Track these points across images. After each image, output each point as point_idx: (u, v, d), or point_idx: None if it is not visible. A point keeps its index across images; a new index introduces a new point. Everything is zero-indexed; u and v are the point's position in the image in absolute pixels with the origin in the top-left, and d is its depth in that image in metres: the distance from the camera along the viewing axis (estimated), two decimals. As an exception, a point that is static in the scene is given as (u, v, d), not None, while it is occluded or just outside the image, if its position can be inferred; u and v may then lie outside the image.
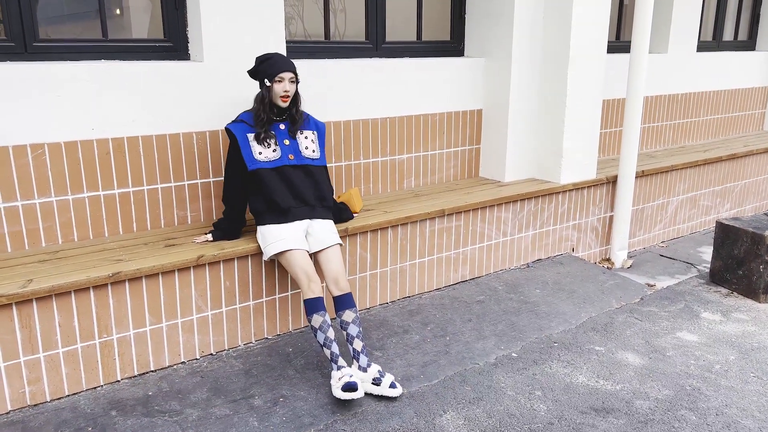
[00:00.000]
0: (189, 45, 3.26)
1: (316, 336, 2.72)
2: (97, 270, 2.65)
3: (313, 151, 3.01)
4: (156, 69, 3.06)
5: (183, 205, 3.27)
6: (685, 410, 2.66)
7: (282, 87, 2.86)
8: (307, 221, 2.96)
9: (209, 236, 3.01)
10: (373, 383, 2.68)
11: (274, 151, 2.90)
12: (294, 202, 2.92)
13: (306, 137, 3.01)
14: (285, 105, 2.91)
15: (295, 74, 2.91)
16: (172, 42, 3.22)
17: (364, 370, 2.71)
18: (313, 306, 2.72)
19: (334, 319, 3.25)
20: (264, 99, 2.91)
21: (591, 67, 4.16)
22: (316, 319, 2.70)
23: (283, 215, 2.91)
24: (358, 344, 2.75)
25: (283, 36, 3.36)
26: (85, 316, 2.64)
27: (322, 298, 2.76)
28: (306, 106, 3.13)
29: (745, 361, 3.08)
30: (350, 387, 2.54)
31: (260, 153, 2.88)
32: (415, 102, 4.02)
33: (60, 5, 3.15)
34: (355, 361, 2.74)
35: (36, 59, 2.88)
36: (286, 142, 2.93)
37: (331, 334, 2.71)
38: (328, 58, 3.67)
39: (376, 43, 3.95)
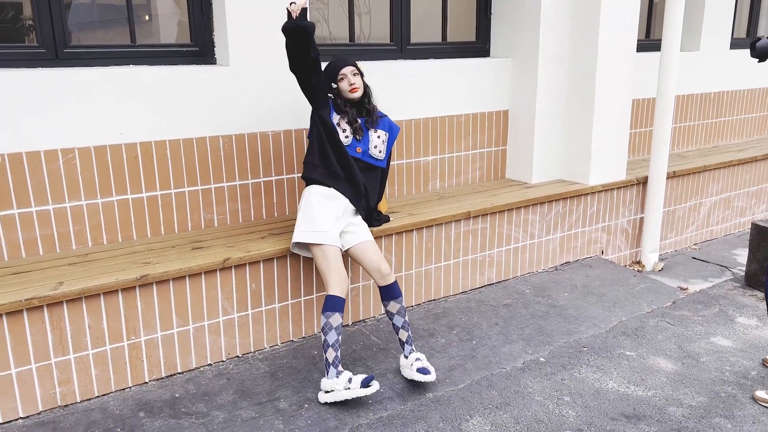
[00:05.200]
0: (215, 49, 3.28)
1: (327, 334, 2.65)
2: (125, 273, 2.68)
3: (380, 151, 3.05)
4: (183, 73, 3.10)
5: (210, 208, 3.30)
6: (720, 418, 2.58)
7: (347, 82, 2.91)
8: (347, 208, 2.96)
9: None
10: (409, 369, 2.78)
11: (347, 137, 2.94)
12: (346, 177, 2.95)
13: (378, 136, 3.04)
14: (356, 95, 2.93)
15: (357, 67, 2.96)
16: (199, 47, 3.25)
17: (406, 357, 2.83)
18: (336, 303, 2.69)
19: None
20: (339, 103, 2.95)
21: (620, 66, 4.09)
22: (336, 318, 2.67)
23: (333, 178, 2.93)
24: (403, 335, 2.86)
25: (308, 39, 3.36)
26: (113, 318, 2.67)
27: (345, 301, 2.75)
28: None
29: (783, 368, 2.98)
30: (367, 381, 2.61)
31: (337, 125, 2.93)
32: (440, 103, 4.00)
33: (90, 12, 3.21)
34: (401, 349, 2.90)
35: (67, 65, 2.94)
36: (359, 136, 2.97)
37: (340, 338, 2.70)
38: (355, 60, 3.66)
39: (400, 44, 3.93)
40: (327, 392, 2.64)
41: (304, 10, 2.74)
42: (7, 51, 2.83)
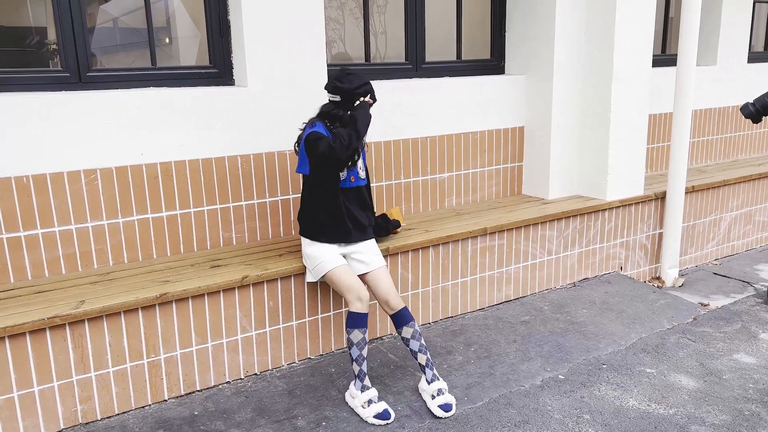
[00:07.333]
0: (233, 71, 3.34)
1: (350, 349, 2.74)
2: (145, 291, 2.72)
3: (362, 169, 2.99)
4: (202, 95, 3.15)
5: (228, 227, 3.33)
6: (744, 437, 2.54)
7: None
8: (353, 245, 2.94)
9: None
10: (431, 397, 2.75)
11: (342, 171, 2.86)
12: (353, 226, 2.90)
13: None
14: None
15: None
16: (217, 68, 3.32)
17: (428, 383, 2.78)
18: (357, 320, 2.72)
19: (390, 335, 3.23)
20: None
21: (636, 81, 4.08)
22: (356, 335, 2.72)
23: (345, 235, 2.88)
24: (422, 358, 2.81)
25: (325, 59, 3.41)
26: (134, 336, 2.71)
27: (367, 315, 2.76)
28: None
29: (808, 385, 2.92)
30: (383, 417, 2.63)
31: None
32: (456, 121, 4.02)
33: (112, 36, 3.29)
34: (422, 373, 2.82)
35: (89, 88, 3.00)
36: (352, 166, 2.90)
37: (365, 352, 2.73)
38: (370, 79, 3.69)
39: (416, 63, 3.97)
40: (352, 397, 2.72)
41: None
42: (32, 75, 2.91)
